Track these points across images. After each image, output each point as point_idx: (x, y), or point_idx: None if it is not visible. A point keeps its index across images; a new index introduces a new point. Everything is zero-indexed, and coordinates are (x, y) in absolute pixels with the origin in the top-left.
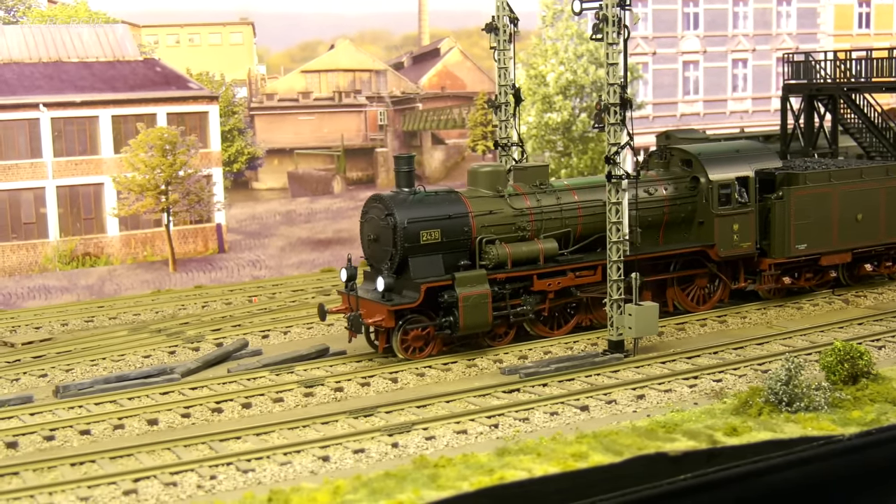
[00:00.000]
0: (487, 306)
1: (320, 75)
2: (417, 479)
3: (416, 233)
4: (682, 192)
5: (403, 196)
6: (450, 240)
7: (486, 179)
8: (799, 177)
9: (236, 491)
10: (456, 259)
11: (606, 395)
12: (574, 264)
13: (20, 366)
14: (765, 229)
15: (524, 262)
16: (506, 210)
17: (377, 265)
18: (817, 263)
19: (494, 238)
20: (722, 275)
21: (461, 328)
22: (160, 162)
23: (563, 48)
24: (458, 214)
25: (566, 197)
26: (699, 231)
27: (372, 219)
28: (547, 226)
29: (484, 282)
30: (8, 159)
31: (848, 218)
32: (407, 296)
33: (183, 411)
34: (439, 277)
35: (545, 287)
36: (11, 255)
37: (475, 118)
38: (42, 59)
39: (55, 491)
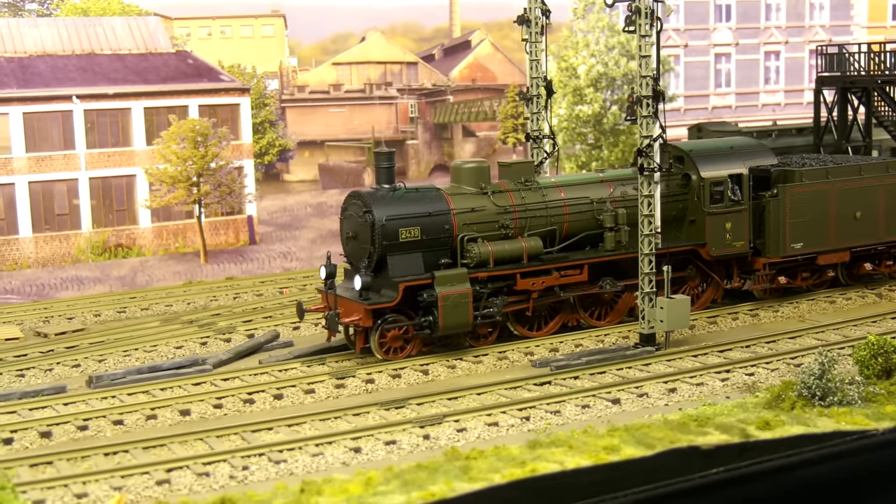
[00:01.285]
0: (468, 306)
1: (351, 67)
2: (449, 471)
3: (394, 230)
4: (673, 190)
5: (383, 193)
6: (430, 238)
7: (470, 176)
8: (795, 174)
9: (268, 481)
10: (437, 257)
11: (638, 388)
12: (559, 263)
13: (54, 356)
14: (759, 228)
15: (507, 260)
16: (489, 207)
17: (356, 263)
18: (814, 263)
19: (477, 236)
20: (714, 274)
21: (441, 328)
22: (192, 154)
23: (595, 40)
24: (439, 212)
25: (552, 194)
26: (690, 230)
27: (351, 216)
28: (532, 224)
29: (465, 281)
30: (41, 151)
31: (846, 216)
32: (385, 295)
33: (215, 402)
34: (418, 276)
35: (528, 286)
36: (45, 245)
37: (506, 110)
38: (75, 51)
39: (89, 480)
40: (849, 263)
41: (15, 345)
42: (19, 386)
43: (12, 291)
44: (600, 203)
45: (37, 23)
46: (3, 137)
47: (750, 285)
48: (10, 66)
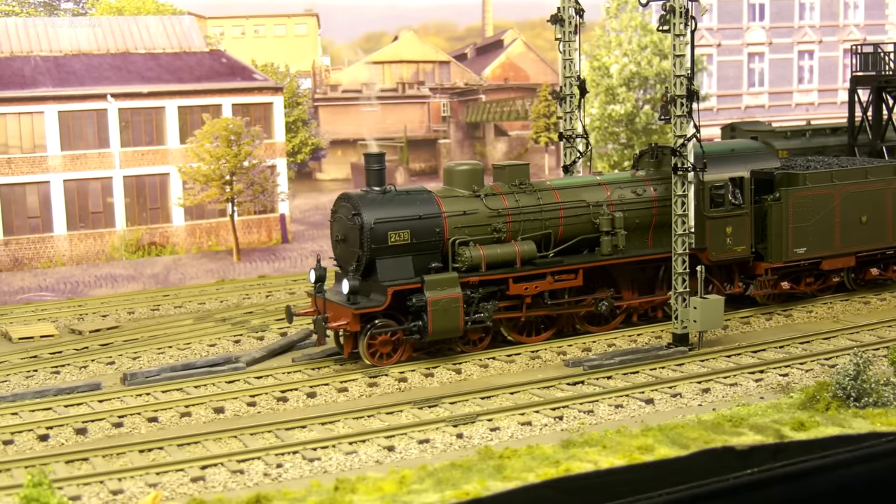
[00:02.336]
0: (459, 311)
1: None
2: (483, 470)
3: (383, 233)
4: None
5: (373, 195)
6: (420, 241)
7: (463, 178)
8: (798, 177)
9: (302, 479)
10: (427, 261)
11: (671, 388)
12: (553, 267)
13: (88, 353)
14: (761, 232)
15: (500, 264)
16: (481, 210)
17: (345, 267)
18: (818, 268)
19: (468, 240)
20: (715, 280)
21: (430, 333)
22: (225, 152)
23: (627, 39)
24: (430, 215)
25: (547, 197)
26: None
27: (340, 218)
28: (526, 227)
29: (455, 285)
30: (76, 149)
31: (851, 220)
32: (374, 299)
33: (249, 400)
34: (408, 280)
35: (521, 291)
36: (79, 243)
37: (538, 110)
38: (110, 50)
39: (124, 477)
40: (855, 268)
41: (50, 342)
42: (55, 383)
43: (47, 289)
44: (597, 206)
45: (72, 22)
46: (39, 136)
47: (752, 291)
48: (46, 64)
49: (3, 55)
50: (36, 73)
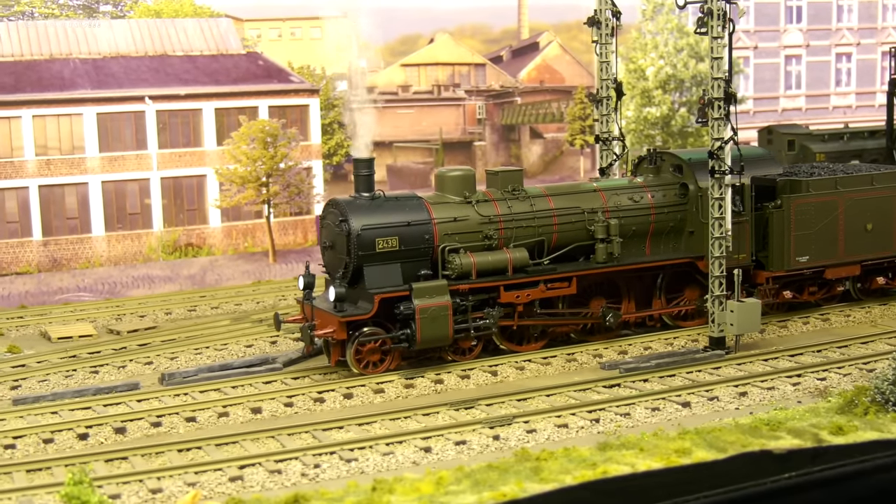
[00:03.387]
0: (447, 319)
1: (420, 69)
2: (520, 472)
3: (371, 240)
4: (671, 200)
5: (361, 201)
6: (409, 248)
7: (455, 185)
8: (801, 184)
9: (339, 479)
10: (416, 268)
11: (708, 391)
12: (545, 275)
13: (126, 353)
14: (763, 240)
15: (491, 272)
16: (472, 217)
17: (333, 273)
18: (822, 277)
19: (459, 247)
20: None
21: (418, 342)
22: (261, 154)
23: (663, 42)
24: (419, 221)
25: (541, 203)
26: (689, 241)
27: (328, 225)
28: (518, 234)
29: (444, 293)
30: (114, 151)
31: (856, 228)
32: (360, 307)
33: (286, 400)
34: (396, 287)
35: (513, 299)
36: (117, 244)
37: (574, 112)
38: (148, 52)
39: (163, 476)
40: (860, 277)
41: (88, 342)
42: (94, 382)
43: (85, 289)
44: (592, 213)
45: (111, 24)
46: (78, 137)
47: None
48: (85, 67)
49: (43, 58)
50: (75, 76)
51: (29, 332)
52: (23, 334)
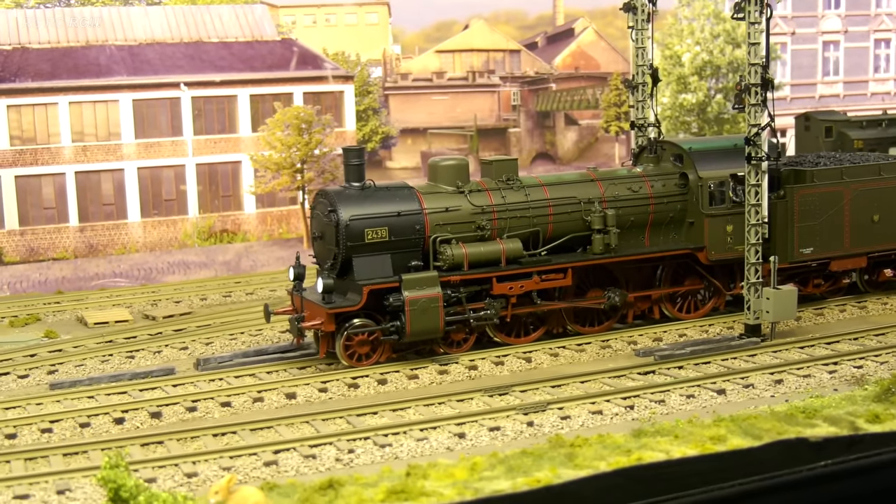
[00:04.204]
0: (438, 311)
1: (454, 55)
2: (554, 458)
3: (360, 231)
4: (671, 190)
5: (350, 191)
6: (399, 239)
7: (447, 174)
8: (806, 174)
9: (374, 465)
10: (407, 259)
11: (743, 378)
12: (539, 267)
13: (162, 339)
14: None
15: (483, 263)
16: (465, 207)
17: (323, 264)
18: (828, 269)
19: (451, 237)
20: (716, 280)
21: (408, 334)
22: (296, 141)
23: (700, 28)
24: (409, 212)
25: (536, 193)
26: (689, 232)
27: (318, 215)
28: (512, 224)
29: (435, 284)
30: (150, 137)
31: (863, 219)
32: (349, 298)
33: (320, 386)
34: (385, 279)
35: (506, 291)
36: (153, 230)
37: (609, 99)
38: (183, 39)
39: (198, 460)
40: (867, 269)
41: (124, 327)
42: (129, 367)
43: (121, 275)
44: (588, 203)
45: (146, 11)
46: (114, 124)
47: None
48: (121, 54)
49: (80, 44)
50: (111, 62)
51: (65, 317)
52: (59, 319)
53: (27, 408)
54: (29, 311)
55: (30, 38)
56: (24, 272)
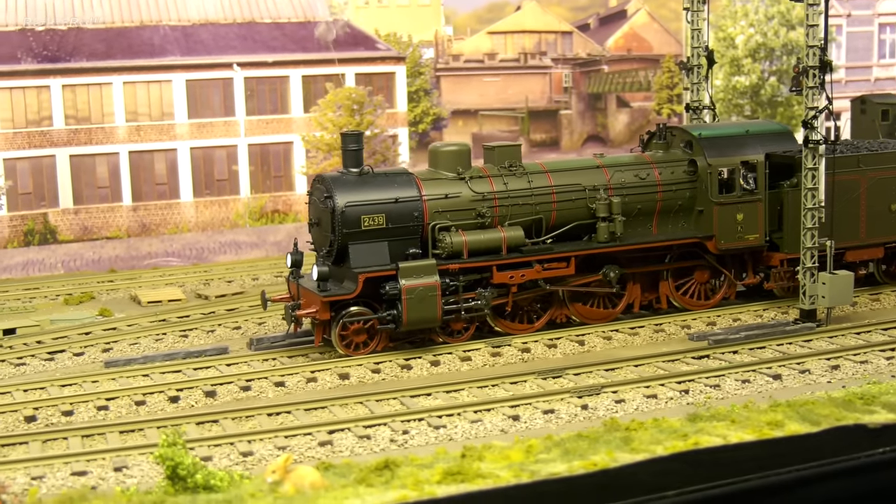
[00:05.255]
0: (436, 300)
1: (506, 37)
2: (610, 441)
3: (356, 217)
4: (679, 177)
5: (348, 177)
6: (397, 226)
7: (448, 160)
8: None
9: (428, 446)
10: (405, 247)
11: (799, 364)
12: (541, 255)
13: (214, 318)
14: (777, 220)
15: (484, 251)
16: (465, 194)
17: (319, 251)
18: (843, 259)
19: (450, 225)
20: (726, 270)
21: (405, 323)
22: (348, 121)
23: (754, 10)
24: (408, 198)
25: (539, 180)
26: (698, 220)
27: (314, 201)
28: (514, 212)
29: (433, 273)
30: (203, 117)
31: (879, 208)
32: (345, 286)
33: (373, 367)
34: (381, 267)
35: (506, 280)
36: (205, 210)
37: (661, 81)
38: (236, 19)
39: (254, 439)
40: (885, 260)
41: (177, 306)
42: (183, 346)
43: (173, 254)
44: (593, 191)
45: None
46: (167, 104)
47: (767, 284)
48: (175, 34)
49: (134, 25)
50: (165, 43)
51: (119, 295)
52: (113, 298)
53: (83, 385)
54: (83, 290)
55: (85, 18)
56: (78, 251)
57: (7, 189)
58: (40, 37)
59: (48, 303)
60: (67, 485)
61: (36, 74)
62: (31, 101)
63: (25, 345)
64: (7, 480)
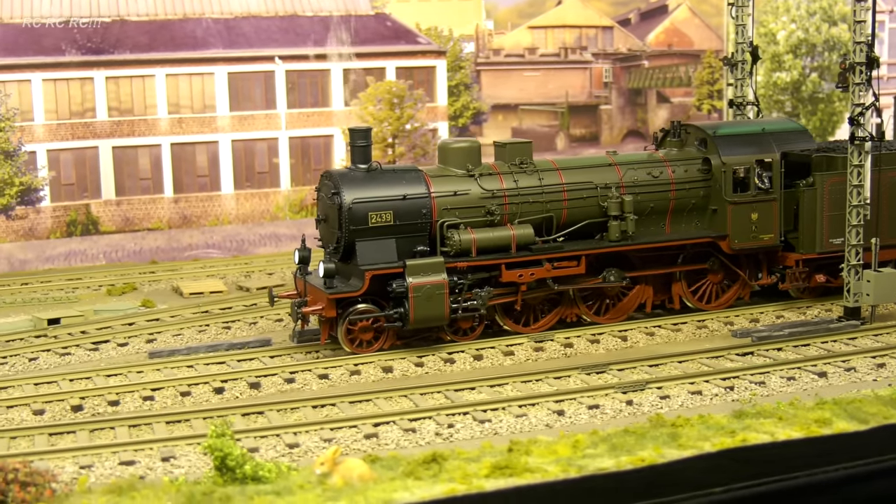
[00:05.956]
0: (443, 298)
1: (547, 31)
2: (657, 437)
3: (363, 214)
4: (693, 176)
5: (356, 173)
6: (404, 223)
7: (458, 157)
8: (837, 161)
9: (473, 440)
10: (413, 244)
11: (845, 361)
12: (551, 254)
13: (256, 310)
14: (793, 220)
15: (493, 249)
16: (474, 191)
17: (327, 248)
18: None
19: (459, 222)
20: (740, 270)
21: (412, 321)
22: (388, 115)
23: (796, 5)
24: (416, 195)
25: (550, 178)
26: (712, 220)
27: (322, 197)
28: (524, 210)
29: (441, 270)
30: (244, 110)
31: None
32: (352, 283)
33: (416, 360)
34: (388, 264)
35: (515, 278)
36: (245, 202)
37: (702, 76)
38: (278, 13)
39: (299, 431)
40: None
41: (219, 298)
42: (226, 338)
43: (214, 246)
44: (605, 189)
45: None
46: (209, 96)
47: (783, 284)
48: (217, 27)
49: (177, 17)
50: (207, 36)
51: (161, 286)
52: (155, 289)
53: (128, 375)
54: (125, 280)
55: (129, 10)
56: (120, 242)
57: (50, 180)
58: (84, 29)
59: (91, 293)
60: (116, 474)
61: (80, 66)
62: (75, 92)
63: (70, 335)
64: (56, 469)
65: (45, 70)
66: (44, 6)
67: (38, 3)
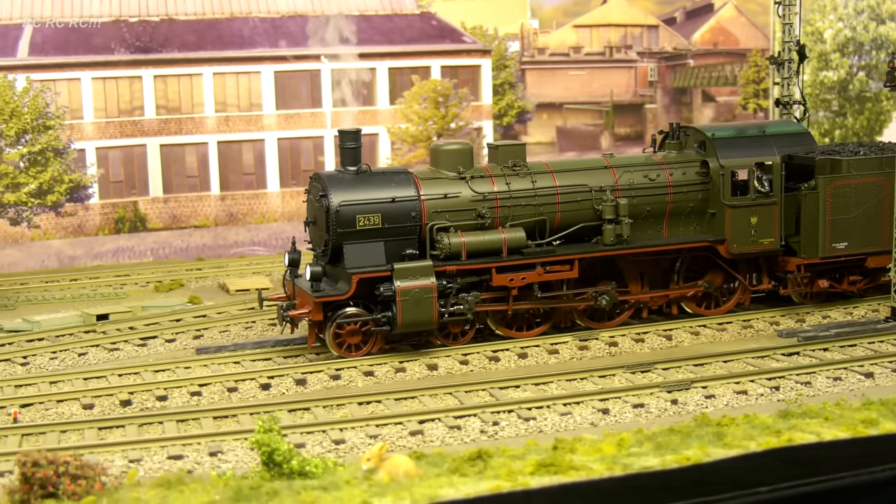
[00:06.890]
0: (432, 302)
1: (592, 30)
2: (702, 437)
3: (351, 217)
4: (691, 179)
5: (344, 175)
6: (393, 226)
7: (449, 159)
8: (841, 164)
9: (518, 438)
10: (402, 247)
11: (892, 362)
12: (542, 258)
13: None
14: (795, 224)
15: (483, 253)
16: (465, 194)
17: (315, 251)
18: (864, 265)
19: (449, 225)
20: (740, 275)
21: (399, 325)
22: (433, 114)
23: (843, 3)
24: (405, 198)
25: (543, 180)
26: (711, 223)
27: (311, 199)
28: (517, 213)
29: (429, 274)
30: (290, 108)
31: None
32: (339, 287)
33: (461, 358)
34: (376, 268)
35: (506, 283)
36: (290, 200)
37: (747, 75)
38: (325, 12)
39: (345, 427)
40: None
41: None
42: (272, 334)
43: (260, 243)
44: (600, 192)
45: None
46: (256, 95)
47: (784, 290)
48: (264, 26)
49: (224, 16)
50: (254, 35)
51: (207, 283)
52: (202, 286)
53: (176, 371)
54: (172, 277)
55: (177, 9)
56: (167, 239)
57: (99, 177)
58: (133, 28)
59: (139, 289)
60: (164, 468)
61: (128, 65)
62: (124, 91)
63: (118, 330)
64: (105, 462)
65: (95, 69)
66: (93, 5)
67: (88, 2)
